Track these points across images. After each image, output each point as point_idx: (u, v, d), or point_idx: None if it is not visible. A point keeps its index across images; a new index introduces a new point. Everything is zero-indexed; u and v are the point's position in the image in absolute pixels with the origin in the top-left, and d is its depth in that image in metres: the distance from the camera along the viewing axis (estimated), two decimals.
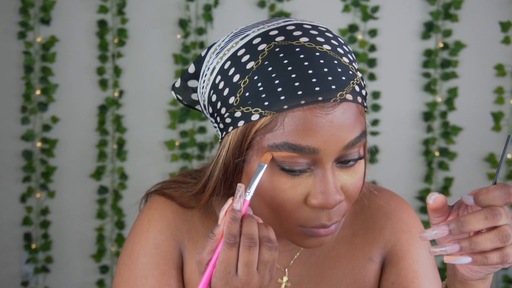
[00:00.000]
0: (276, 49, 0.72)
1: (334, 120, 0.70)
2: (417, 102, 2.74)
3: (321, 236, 0.76)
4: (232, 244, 0.69)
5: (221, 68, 0.76)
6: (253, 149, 0.74)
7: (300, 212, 0.74)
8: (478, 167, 2.76)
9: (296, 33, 0.73)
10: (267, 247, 0.70)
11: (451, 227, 0.63)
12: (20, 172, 2.63)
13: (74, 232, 2.69)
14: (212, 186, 0.80)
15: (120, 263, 0.87)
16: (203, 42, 2.62)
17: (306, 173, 0.73)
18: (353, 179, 0.75)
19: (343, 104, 0.71)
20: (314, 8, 2.66)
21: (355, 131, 0.72)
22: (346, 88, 0.71)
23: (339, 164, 0.74)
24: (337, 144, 0.71)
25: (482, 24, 2.70)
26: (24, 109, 2.59)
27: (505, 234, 0.63)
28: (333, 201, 0.72)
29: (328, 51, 0.73)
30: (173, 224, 0.87)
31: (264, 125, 0.71)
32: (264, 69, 0.72)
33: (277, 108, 0.70)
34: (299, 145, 0.70)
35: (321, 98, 0.69)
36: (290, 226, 0.76)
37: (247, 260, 0.69)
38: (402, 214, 0.90)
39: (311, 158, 0.71)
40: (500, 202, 0.63)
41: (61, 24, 2.60)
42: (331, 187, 0.72)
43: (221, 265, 0.69)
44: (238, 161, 0.75)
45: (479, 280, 0.70)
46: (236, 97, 0.73)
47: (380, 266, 0.89)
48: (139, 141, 2.67)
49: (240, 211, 0.70)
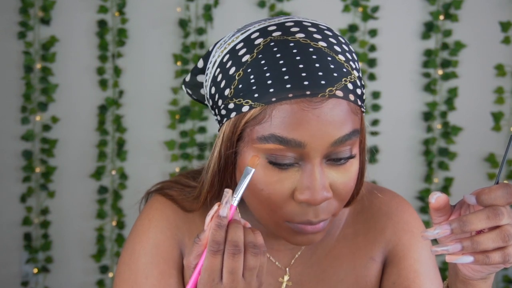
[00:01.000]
0: (271, 44, 0.73)
1: (321, 115, 0.70)
2: (417, 102, 2.74)
3: (308, 233, 0.76)
4: (215, 252, 0.68)
5: (221, 61, 0.77)
6: (243, 140, 0.74)
7: (287, 207, 0.74)
8: (478, 167, 2.76)
9: (294, 29, 0.74)
10: (253, 253, 0.69)
11: (453, 226, 0.63)
12: (20, 172, 2.63)
13: (74, 232, 2.69)
14: (209, 179, 0.80)
15: (120, 262, 0.87)
16: (203, 42, 2.62)
17: (294, 167, 0.73)
18: (343, 177, 0.74)
19: (332, 100, 0.71)
20: (314, 8, 2.67)
21: (345, 128, 0.71)
22: (337, 84, 0.71)
23: (329, 161, 0.73)
24: (324, 139, 0.71)
25: (482, 24, 2.70)
26: (24, 109, 2.59)
27: (507, 234, 0.62)
28: (319, 197, 0.72)
29: (323, 48, 0.73)
30: (174, 223, 0.87)
31: (254, 117, 0.72)
32: (258, 62, 0.72)
33: (265, 100, 0.71)
34: (285, 137, 0.70)
35: (309, 92, 0.70)
36: (277, 221, 0.76)
37: (231, 267, 0.68)
38: (403, 214, 0.90)
39: (298, 152, 0.71)
40: (502, 202, 0.63)
41: (61, 24, 2.60)
42: (317, 183, 0.72)
43: (205, 272, 0.69)
44: (230, 153, 0.76)
45: (481, 280, 0.70)
46: (231, 89, 0.74)
47: (382, 265, 0.89)
48: (139, 141, 2.67)
49: (226, 217, 0.69)
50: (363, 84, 0.76)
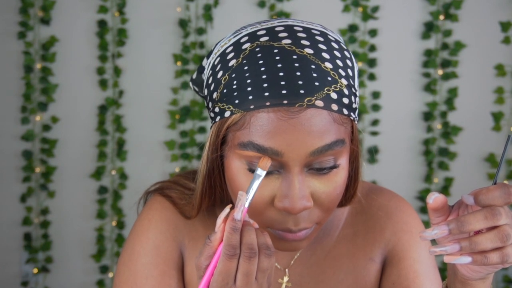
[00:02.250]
0: (257, 49, 0.72)
1: (298, 125, 0.69)
2: (417, 102, 2.74)
3: (289, 241, 0.75)
4: (231, 256, 0.68)
5: (213, 64, 0.77)
6: (227, 145, 0.74)
7: (267, 213, 0.74)
8: (478, 167, 2.76)
9: (282, 35, 0.73)
10: (266, 254, 0.69)
11: (451, 227, 0.63)
12: (20, 172, 2.64)
13: (74, 232, 2.69)
14: (200, 183, 0.80)
15: (120, 263, 0.87)
16: (203, 42, 2.62)
17: (274, 174, 0.72)
18: (326, 187, 0.73)
19: (311, 110, 0.69)
20: (314, 8, 2.67)
21: (325, 138, 0.70)
22: (317, 94, 0.70)
23: (311, 171, 0.73)
24: (302, 149, 0.70)
25: (482, 24, 2.70)
26: (24, 109, 2.59)
27: (505, 234, 0.62)
28: (298, 206, 0.71)
29: (308, 55, 0.72)
30: (174, 224, 0.87)
31: (234, 122, 0.72)
32: (241, 67, 0.72)
33: (244, 107, 0.70)
34: (262, 145, 0.70)
35: (286, 102, 0.69)
36: (260, 226, 0.76)
37: (246, 270, 0.68)
38: (403, 214, 0.90)
39: (277, 160, 0.71)
40: (500, 202, 0.63)
41: (61, 24, 2.60)
42: (296, 192, 0.71)
43: (219, 276, 0.68)
44: (215, 156, 0.76)
45: (480, 280, 0.70)
46: (217, 93, 0.74)
47: (381, 266, 0.89)
48: (139, 141, 2.68)
49: (240, 221, 0.69)
50: (354, 92, 0.75)
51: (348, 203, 0.85)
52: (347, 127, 0.74)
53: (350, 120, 0.74)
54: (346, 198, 0.84)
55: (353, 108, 0.74)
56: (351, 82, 0.74)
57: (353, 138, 0.77)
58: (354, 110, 0.75)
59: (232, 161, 0.74)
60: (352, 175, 0.81)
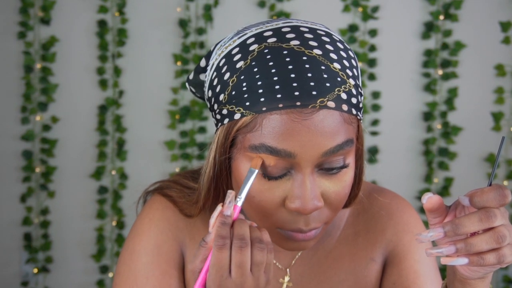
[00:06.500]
0: (265, 51, 0.72)
1: (311, 126, 0.69)
2: (417, 102, 2.74)
3: (299, 241, 0.76)
4: (221, 246, 0.68)
5: (217, 65, 0.77)
6: (236, 147, 0.74)
7: (278, 214, 0.74)
8: (478, 167, 2.76)
9: (289, 36, 0.73)
10: (259, 248, 0.69)
11: (446, 229, 0.63)
12: (20, 172, 2.64)
13: (74, 232, 2.69)
14: (205, 185, 0.80)
15: (120, 262, 0.87)
16: (203, 42, 2.62)
17: (285, 176, 0.73)
18: (336, 187, 0.74)
19: (323, 111, 0.70)
20: (314, 8, 2.67)
21: (337, 139, 0.71)
22: (329, 95, 0.70)
23: (322, 171, 0.73)
24: (315, 150, 0.70)
25: (482, 24, 2.70)
26: (24, 109, 2.59)
27: (501, 235, 0.63)
28: (309, 206, 0.72)
29: (318, 56, 0.72)
30: (175, 224, 0.87)
31: (245, 125, 0.72)
32: (251, 69, 0.72)
33: (256, 109, 0.70)
34: (275, 148, 0.70)
35: (299, 103, 0.69)
36: (269, 226, 0.76)
37: (239, 261, 0.68)
38: (403, 214, 0.91)
39: (289, 162, 0.71)
40: (495, 204, 0.63)
41: (61, 24, 2.60)
42: (308, 192, 0.72)
43: (213, 269, 0.69)
44: (223, 159, 0.76)
45: (478, 279, 0.70)
46: (225, 95, 0.74)
47: (382, 266, 0.89)
48: (139, 141, 2.68)
49: (230, 216, 0.70)
50: (360, 91, 0.75)
51: (352, 203, 0.85)
52: (354, 126, 0.74)
53: (357, 119, 0.75)
54: (350, 198, 0.84)
55: (360, 108, 0.75)
56: (357, 82, 0.75)
57: (358, 137, 0.77)
58: (361, 109, 0.75)
59: (241, 163, 0.74)
60: (357, 173, 0.81)
